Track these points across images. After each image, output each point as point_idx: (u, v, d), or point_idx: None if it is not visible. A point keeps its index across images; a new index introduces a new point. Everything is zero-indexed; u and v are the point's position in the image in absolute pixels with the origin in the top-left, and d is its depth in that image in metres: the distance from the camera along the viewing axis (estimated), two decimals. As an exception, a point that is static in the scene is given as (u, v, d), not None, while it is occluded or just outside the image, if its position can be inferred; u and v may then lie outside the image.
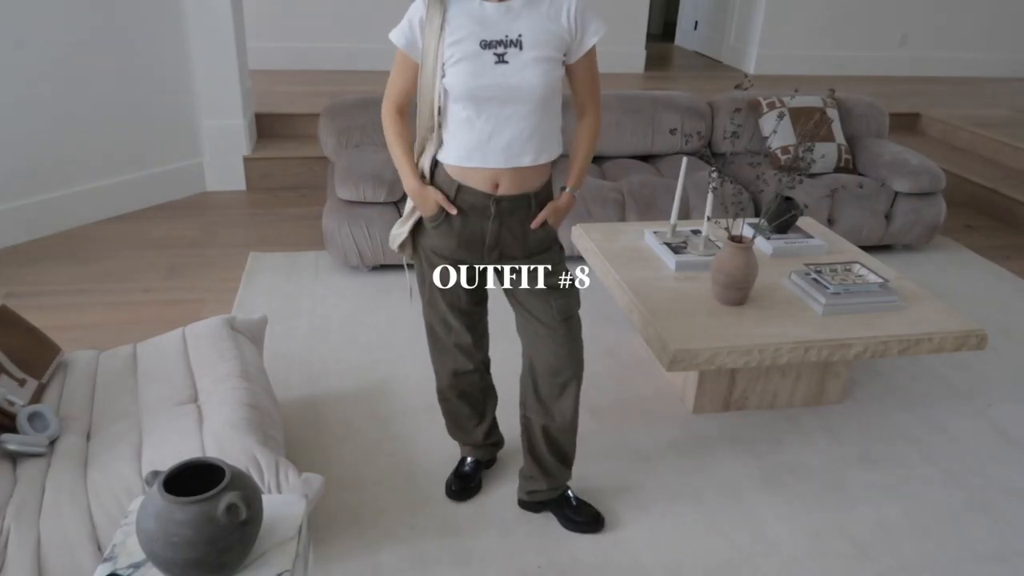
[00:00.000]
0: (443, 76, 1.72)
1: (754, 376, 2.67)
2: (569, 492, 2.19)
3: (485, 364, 2.16)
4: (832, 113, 4.10)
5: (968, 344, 2.47)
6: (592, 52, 1.80)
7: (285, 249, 3.80)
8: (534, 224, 1.85)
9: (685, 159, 2.83)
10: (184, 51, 4.21)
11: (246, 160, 4.56)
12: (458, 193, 1.81)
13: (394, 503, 2.23)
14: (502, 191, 1.80)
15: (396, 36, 1.78)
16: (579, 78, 1.83)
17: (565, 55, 1.75)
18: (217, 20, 4.21)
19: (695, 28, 8.44)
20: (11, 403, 1.88)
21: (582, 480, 2.35)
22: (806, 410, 2.75)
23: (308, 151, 4.71)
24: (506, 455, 2.42)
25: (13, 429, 1.85)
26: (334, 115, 3.76)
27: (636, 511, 2.24)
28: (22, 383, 2.00)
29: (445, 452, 2.43)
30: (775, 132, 3.35)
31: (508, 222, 1.83)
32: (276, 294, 3.36)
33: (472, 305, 2.01)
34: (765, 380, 2.69)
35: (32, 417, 1.88)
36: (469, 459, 2.31)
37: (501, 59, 1.68)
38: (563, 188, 1.91)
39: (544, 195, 1.87)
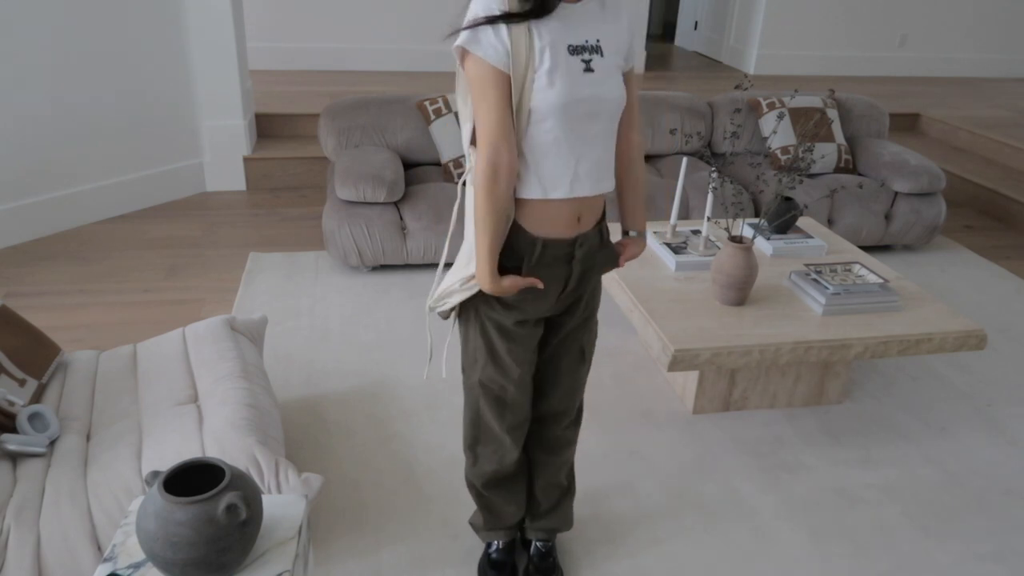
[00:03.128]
0: (532, 88, 1.41)
1: (754, 376, 2.67)
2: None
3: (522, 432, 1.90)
4: (832, 113, 4.10)
5: (968, 344, 2.47)
6: (633, 70, 1.61)
7: (285, 249, 3.81)
8: (621, 263, 1.70)
9: (685, 159, 2.84)
10: (184, 51, 4.21)
11: (246, 160, 4.56)
12: (542, 252, 1.54)
13: (394, 503, 2.23)
14: (583, 227, 1.56)
15: (473, 44, 1.39)
16: (630, 93, 1.61)
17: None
18: (217, 20, 4.21)
19: (695, 28, 8.44)
20: (11, 403, 1.88)
21: (582, 480, 2.35)
22: (806, 410, 2.75)
23: (308, 151, 4.71)
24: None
25: (13, 429, 1.85)
26: (334, 115, 3.76)
27: (636, 511, 2.24)
28: (22, 383, 2.00)
29: (445, 452, 2.43)
30: (775, 132, 3.35)
31: (586, 261, 1.61)
32: (276, 294, 3.36)
33: (527, 372, 1.73)
34: (765, 380, 2.69)
35: (32, 417, 1.88)
36: (498, 543, 2.01)
37: (588, 67, 1.44)
38: (626, 233, 1.74)
39: (603, 222, 1.66)
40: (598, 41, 1.46)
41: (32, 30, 3.56)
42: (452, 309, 1.68)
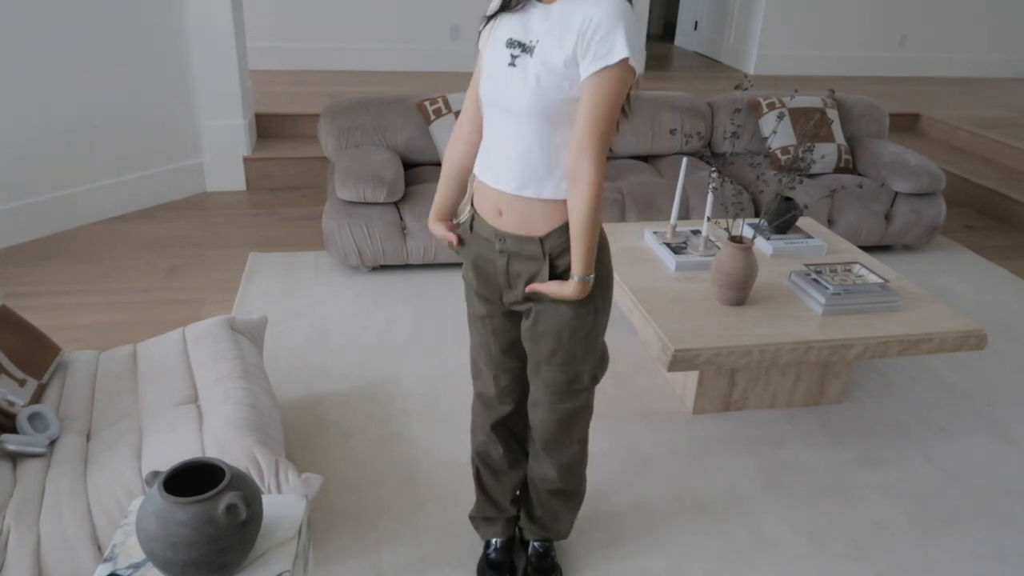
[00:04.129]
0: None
1: (754, 376, 2.67)
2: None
3: (510, 430, 1.92)
4: (832, 113, 4.10)
5: (968, 344, 2.47)
6: (596, 82, 1.40)
7: (285, 249, 3.80)
8: (528, 288, 1.58)
9: (685, 159, 2.83)
10: (184, 51, 4.21)
11: (246, 160, 4.56)
12: (473, 223, 1.66)
13: (394, 503, 2.23)
14: (505, 225, 1.57)
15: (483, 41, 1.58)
16: (580, 108, 1.44)
17: (571, 84, 1.43)
18: (217, 20, 4.21)
19: (695, 28, 8.44)
20: (11, 403, 1.88)
21: (582, 480, 2.35)
22: (806, 410, 2.75)
23: (308, 151, 4.71)
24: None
25: (13, 429, 1.85)
26: (334, 115, 3.76)
27: (636, 512, 2.24)
28: (22, 383, 2.00)
29: (445, 452, 2.43)
30: (775, 132, 3.35)
31: (516, 264, 1.60)
32: (276, 294, 3.36)
33: (502, 353, 1.79)
34: (765, 380, 2.69)
35: (32, 417, 1.88)
36: (495, 541, 2.03)
37: (512, 62, 1.47)
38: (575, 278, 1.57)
39: (557, 248, 1.56)
40: (535, 42, 1.45)
41: (32, 30, 3.56)
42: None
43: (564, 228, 1.54)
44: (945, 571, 2.09)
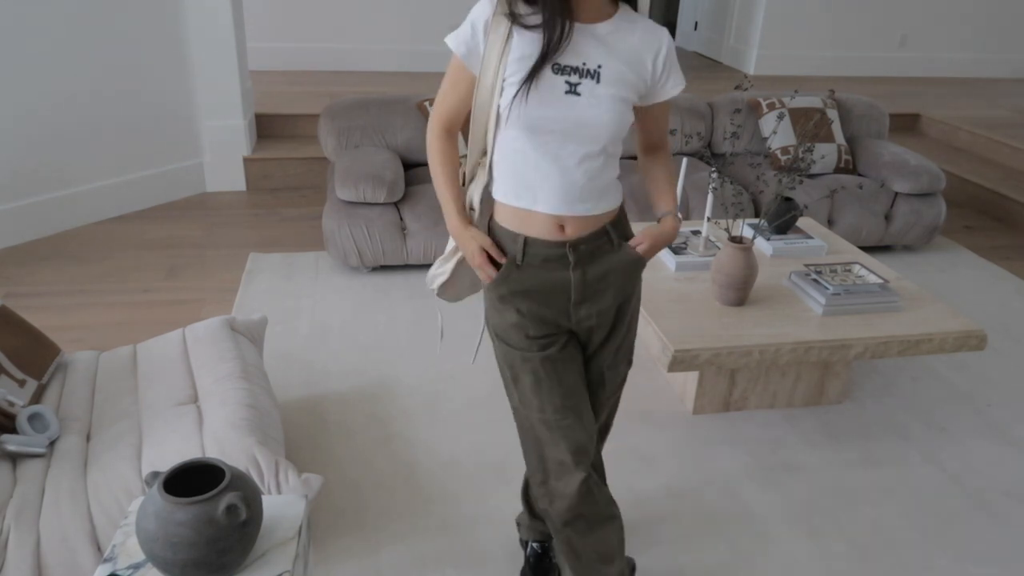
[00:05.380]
0: (501, 94, 1.45)
1: (754, 376, 2.67)
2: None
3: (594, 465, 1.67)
4: (832, 114, 4.10)
5: (968, 344, 2.47)
6: (670, 101, 1.59)
7: (285, 250, 3.80)
8: (633, 243, 1.56)
9: (685, 159, 2.83)
10: (184, 52, 4.21)
11: (246, 160, 4.56)
12: (526, 248, 1.52)
13: (394, 503, 2.23)
14: (572, 234, 1.51)
15: (454, 41, 1.49)
16: (651, 123, 1.62)
17: (640, 98, 1.51)
18: (217, 20, 4.21)
19: (695, 29, 8.44)
20: (11, 404, 1.88)
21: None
22: (806, 410, 2.75)
23: (308, 151, 4.71)
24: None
25: (13, 430, 1.85)
26: (334, 115, 3.76)
27: (636, 512, 2.24)
28: (22, 384, 2.00)
29: (445, 452, 2.43)
30: (775, 133, 3.35)
31: (592, 267, 1.55)
32: (276, 295, 3.36)
33: (571, 387, 1.60)
34: (765, 380, 2.69)
35: (32, 418, 1.88)
36: (534, 543, 2.00)
37: (573, 89, 1.42)
38: (659, 219, 1.62)
39: (622, 226, 1.60)
40: (599, 68, 1.43)
41: (32, 30, 3.56)
42: (444, 286, 1.70)
43: (622, 213, 1.61)
44: (945, 571, 2.09)
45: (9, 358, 2.02)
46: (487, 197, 1.58)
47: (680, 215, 1.62)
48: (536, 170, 1.47)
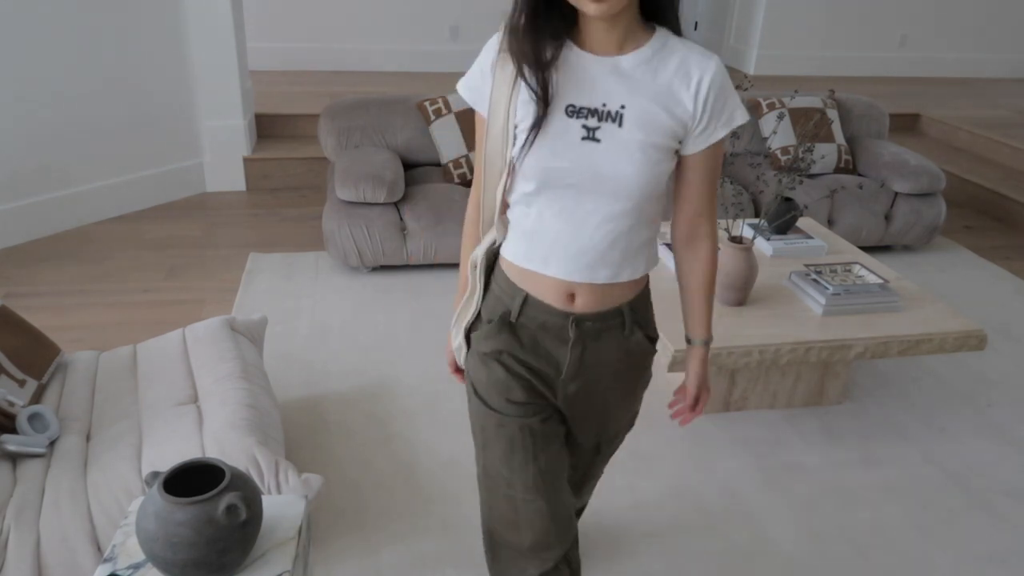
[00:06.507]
0: (514, 142, 1.24)
1: (754, 376, 2.67)
2: None
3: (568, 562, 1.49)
4: (832, 114, 4.10)
5: (968, 344, 2.47)
6: (718, 147, 1.28)
7: (285, 250, 3.80)
8: (675, 415, 1.45)
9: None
10: (184, 52, 4.21)
11: (246, 160, 4.56)
12: (524, 307, 1.34)
13: (394, 503, 2.23)
14: (581, 307, 1.32)
15: (463, 88, 1.31)
16: (692, 176, 1.30)
17: (680, 142, 1.26)
18: (217, 20, 4.20)
19: (695, 28, 8.44)
20: (11, 404, 1.88)
21: (582, 480, 2.35)
22: (806, 410, 2.75)
23: (308, 151, 4.71)
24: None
25: (13, 430, 1.85)
26: (334, 115, 3.76)
27: (636, 512, 2.24)
28: (22, 384, 2.00)
29: (445, 452, 2.43)
30: (775, 133, 3.35)
31: (594, 348, 1.36)
32: (276, 295, 3.36)
33: (548, 467, 1.41)
34: (765, 380, 2.69)
35: (32, 418, 1.88)
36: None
37: (591, 135, 1.20)
38: (688, 340, 1.47)
39: (642, 308, 1.42)
40: (622, 108, 1.20)
41: (32, 30, 3.56)
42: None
43: (645, 292, 1.43)
44: (945, 571, 2.09)
45: (9, 358, 2.02)
46: (492, 253, 1.39)
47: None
48: (548, 230, 1.27)
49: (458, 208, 3.46)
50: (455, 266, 3.66)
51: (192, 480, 1.29)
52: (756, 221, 3.17)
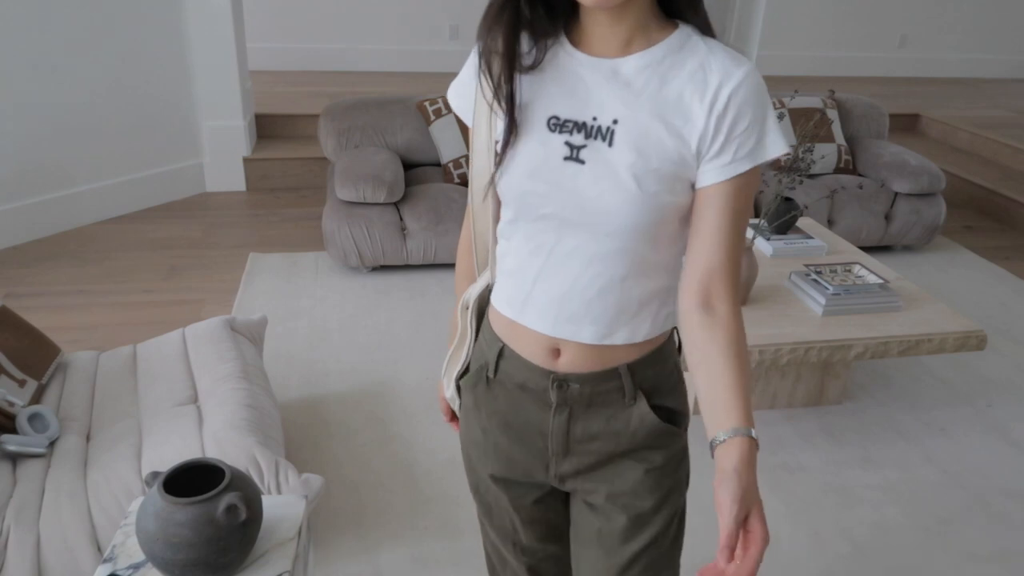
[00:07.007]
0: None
1: (754, 376, 2.67)
2: None
3: None
4: (832, 114, 4.10)
5: (968, 344, 2.47)
6: (739, 184, 0.94)
7: (285, 250, 3.80)
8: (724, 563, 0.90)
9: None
10: (184, 52, 4.21)
11: (246, 161, 4.56)
12: (499, 361, 1.10)
13: (394, 503, 2.23)
14: (565, 366, 1.05)
15: (451, 95, 1.10)
16: (706, 218, 0.96)
17: (694, 170, 0.95)
18: (217, 20, 4.21)
19: (695, 28, 8.44)
20: (11, 404, 1.88)
21: (582, 480, 2.35)
22: (806, 410, 2.75)
23: (308, 151, 4.71)
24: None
25: (13, 430, 1.85)
26: (334, 116, 3.76)
27: (636, 511, 2.24)
28: (22, 384, 2.00)
29: (445, 452, 2.43)
30: (775, 132, 3.34)
31: (584, 420, 1.08)
32: (276, 295, 3.36)
33: (539, 542, 1.24)
34: (765, 380, 2.69)
35: (32, 418, 1.88)
36: None
37: (575, 155, 0.95)
38: (718, 440, 1.03)
39: (651, 369, 1.08)
40: (613, 123, 0.94)
41: (32, 30, 3.56)
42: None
43: (657, 353, 1.08)
44: (945, 571, 2.09)
45: (9, 358, 2.02)
46: (487, 294, 1.15)
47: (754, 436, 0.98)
48: (527, 270, 1.02)
49: (458, 208, 3.47)
50: (455, 266, 3.66)
51: (192, 480, 1.29)
52: (756, 221, 3.17)
